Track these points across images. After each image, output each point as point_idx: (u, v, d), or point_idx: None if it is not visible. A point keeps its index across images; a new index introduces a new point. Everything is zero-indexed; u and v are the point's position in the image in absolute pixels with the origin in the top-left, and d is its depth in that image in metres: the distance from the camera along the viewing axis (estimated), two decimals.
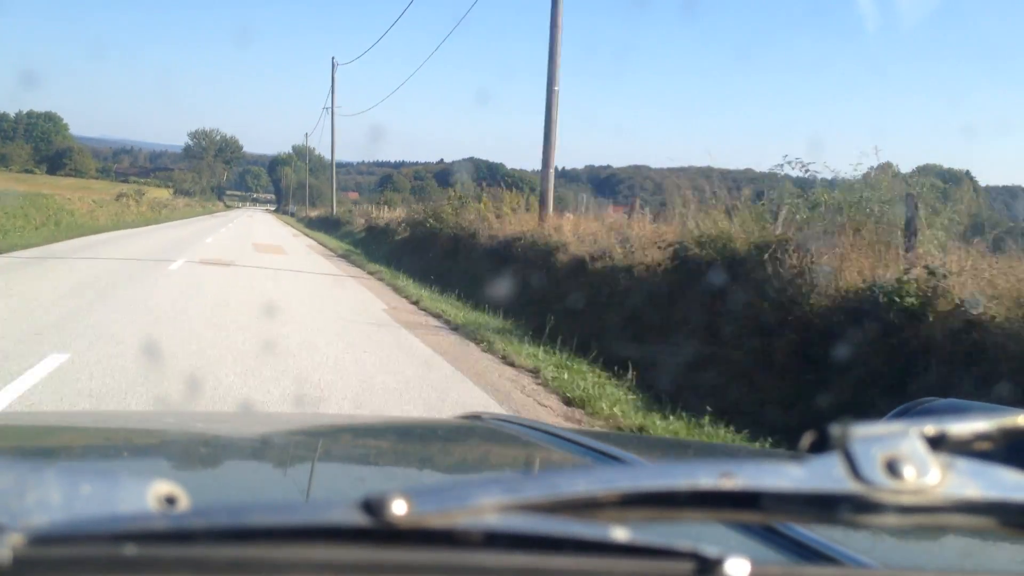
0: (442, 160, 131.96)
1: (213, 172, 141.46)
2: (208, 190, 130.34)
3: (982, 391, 4.88)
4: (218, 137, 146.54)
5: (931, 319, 5.66)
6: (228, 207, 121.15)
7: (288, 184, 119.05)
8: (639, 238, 10.09)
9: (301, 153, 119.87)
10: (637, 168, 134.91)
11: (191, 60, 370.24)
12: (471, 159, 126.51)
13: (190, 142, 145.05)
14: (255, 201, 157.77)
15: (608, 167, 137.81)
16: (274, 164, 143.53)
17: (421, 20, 56.55)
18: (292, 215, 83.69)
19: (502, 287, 10.74)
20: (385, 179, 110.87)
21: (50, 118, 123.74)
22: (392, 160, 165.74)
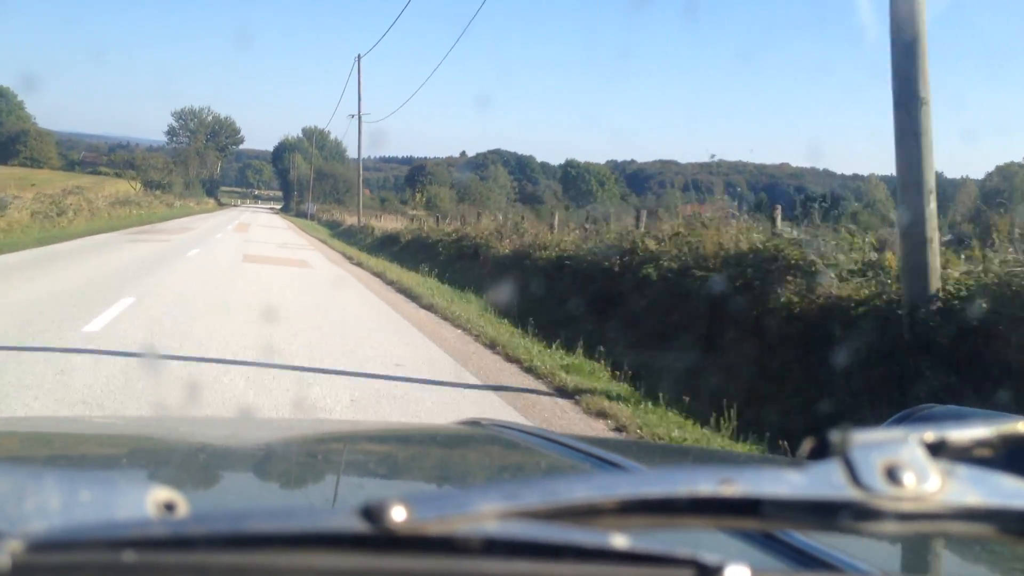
0: (463, 153, 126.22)
1: (204, 161, 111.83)
2: (196, 183, 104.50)
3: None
4: (210, 118, 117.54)
5: None
6: (222, 205, 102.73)
7: (299, 175, 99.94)
8: None
9: (312, 136, 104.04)
10: (665, 163, 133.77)
11: (191, 57, 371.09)
12: (497, 151, 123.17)
13: (174, 124, 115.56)
14: (257, 198, 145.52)
15: (633, 162, 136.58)
16: (279, 151, 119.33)
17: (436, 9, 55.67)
18: (311, 218, 62.46)
19: None
20: (417, 170, 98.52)
21: (1, 93, 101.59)
22: (400, 156, 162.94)
